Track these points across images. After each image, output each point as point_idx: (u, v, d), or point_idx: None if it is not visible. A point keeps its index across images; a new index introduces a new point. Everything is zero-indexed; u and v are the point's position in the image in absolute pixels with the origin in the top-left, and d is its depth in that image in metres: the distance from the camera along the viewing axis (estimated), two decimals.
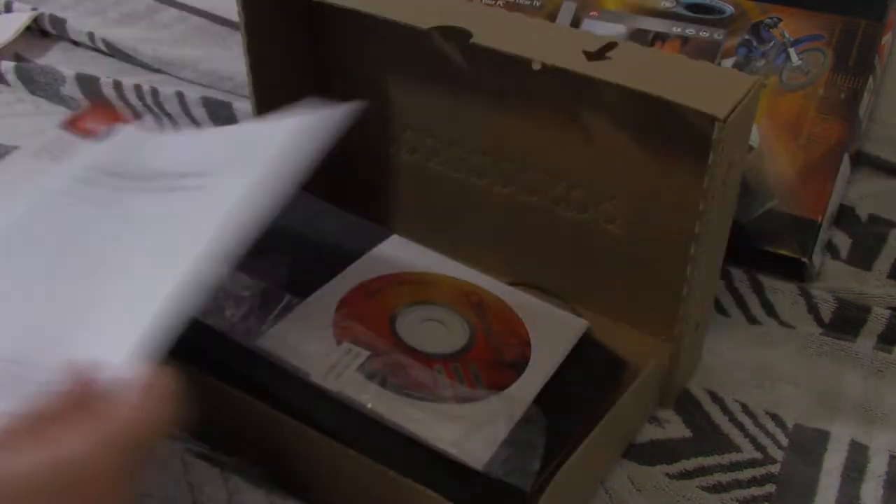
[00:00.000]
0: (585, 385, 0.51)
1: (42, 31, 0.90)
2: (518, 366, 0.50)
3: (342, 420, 0.46)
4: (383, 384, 0.47)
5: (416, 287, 0.54)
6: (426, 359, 0.49)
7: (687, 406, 0.55)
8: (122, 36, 0.87)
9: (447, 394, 0.47)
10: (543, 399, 0.48)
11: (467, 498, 0.43)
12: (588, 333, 0.53)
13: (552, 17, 0.71)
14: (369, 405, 0.46)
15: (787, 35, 0.66)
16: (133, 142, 0.51)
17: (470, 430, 0.45)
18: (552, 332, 0.52)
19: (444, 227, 0.62)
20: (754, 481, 0.51)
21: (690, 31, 0.68)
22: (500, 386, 0.48)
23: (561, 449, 0.47)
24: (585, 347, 0.52)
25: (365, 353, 0.48)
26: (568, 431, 0.48)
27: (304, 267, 0.54)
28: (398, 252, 0.57)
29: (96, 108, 0.78)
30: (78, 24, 0.87)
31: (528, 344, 0.51)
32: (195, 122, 0.78)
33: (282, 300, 0.51)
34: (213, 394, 0.47)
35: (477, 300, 0.53)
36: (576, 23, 0.70)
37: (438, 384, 0.47)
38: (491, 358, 0.50)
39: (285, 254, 0.54)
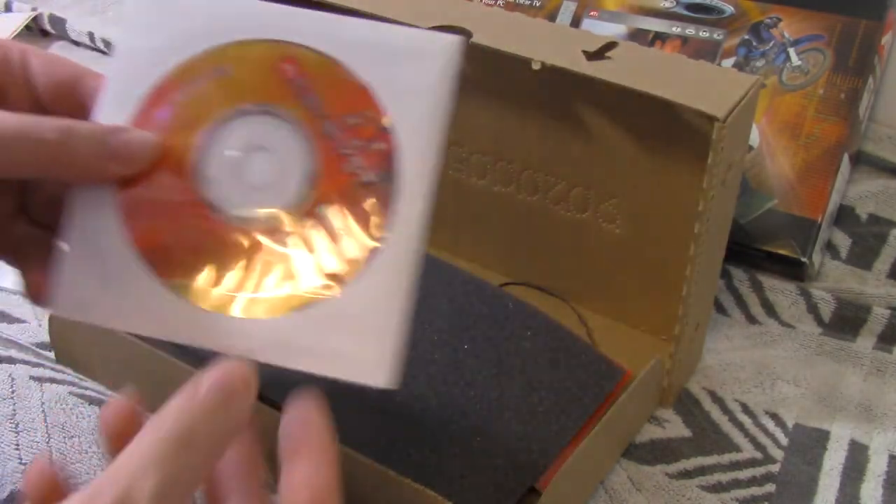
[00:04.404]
0: (575, 400, 0.50)
1: (42, 31, 0.89)
2: (382, 181, 0.33)
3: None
4: None
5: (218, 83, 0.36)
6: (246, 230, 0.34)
7: (687, 406, 0.55)
8: None
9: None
10: (532, 412, 0.48)
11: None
12: (583, 340, 0.52)
13: (552, 17, 0.71)
14: None
15: (787, 35, 0.66)
16: None
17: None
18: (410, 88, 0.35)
19: (444, 227, 0.62)
20: (754, 481, 0.51)
21: (690, 31, 0.68)
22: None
23: (542, 471, 0.47)
24: (581, 355, 0.52)
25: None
26: (553, 450, 0.48)
27: None
28: None
29: None
30: (78, 24, 0.87)
31: (386, 133, 0.34)
32: None
33: None
34: None
35: (295, 71, 0.35)
36: (576, 23, 0.70)
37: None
38: (347, 180, 0.33)
39: None
